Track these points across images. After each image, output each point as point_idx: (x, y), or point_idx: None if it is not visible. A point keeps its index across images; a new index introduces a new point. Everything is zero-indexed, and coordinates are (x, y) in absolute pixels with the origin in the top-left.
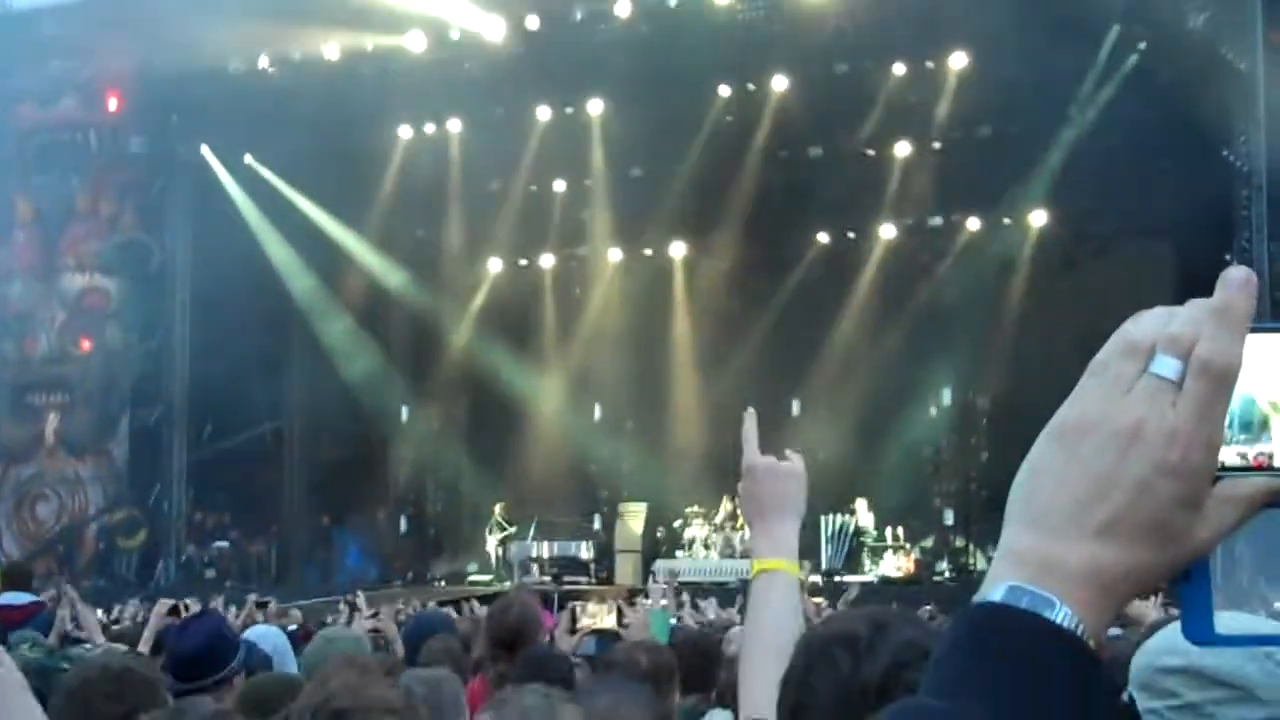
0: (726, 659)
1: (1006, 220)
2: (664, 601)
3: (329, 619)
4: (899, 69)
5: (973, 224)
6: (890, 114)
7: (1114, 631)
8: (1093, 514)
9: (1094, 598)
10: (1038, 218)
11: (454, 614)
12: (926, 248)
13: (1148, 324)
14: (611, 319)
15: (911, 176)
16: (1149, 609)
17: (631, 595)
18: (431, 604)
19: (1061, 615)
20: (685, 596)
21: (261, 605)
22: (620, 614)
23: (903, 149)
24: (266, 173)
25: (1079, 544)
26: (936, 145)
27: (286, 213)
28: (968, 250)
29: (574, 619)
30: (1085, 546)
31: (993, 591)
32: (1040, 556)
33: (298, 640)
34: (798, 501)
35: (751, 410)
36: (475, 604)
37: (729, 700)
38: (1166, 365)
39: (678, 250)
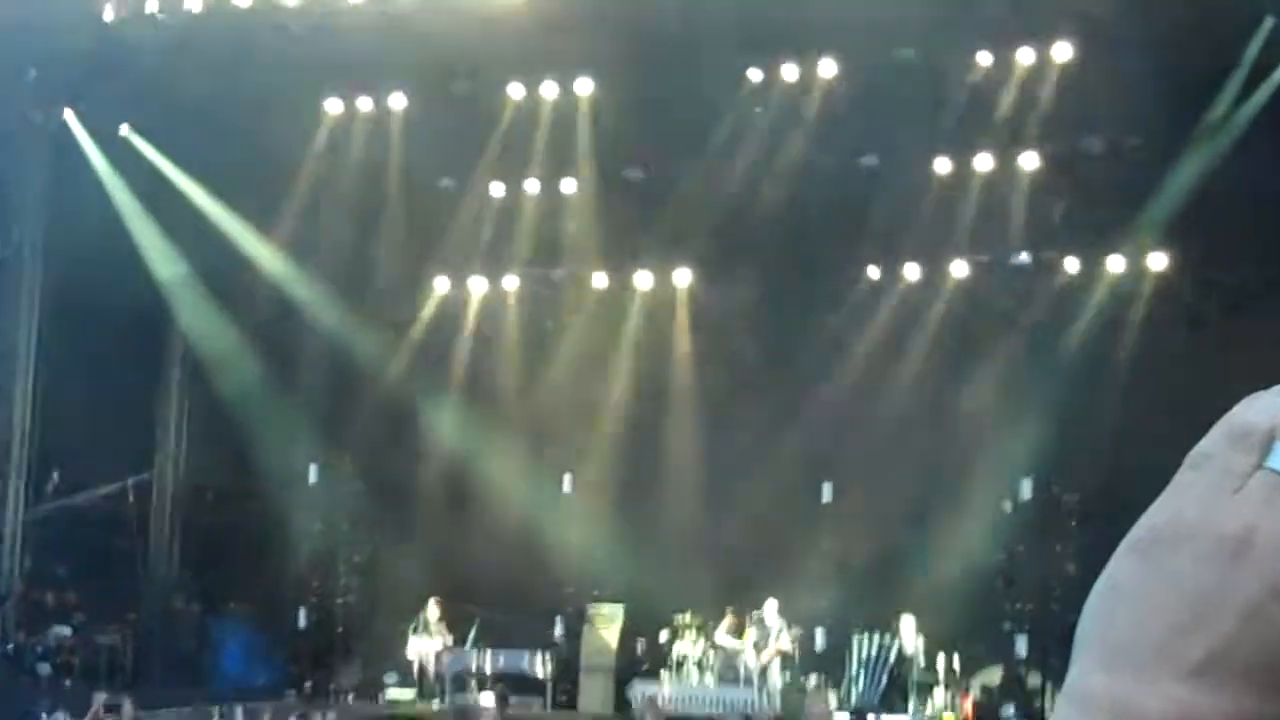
0: None
1: (1114, 262)
2: None
3: None
4: (983, 59)
5: (1070, 265)
6: (970, 117)
7: None
8: (1187, 648)
9: None
10: (1156, 261)
11: None
12: (1009, 292)
13: (1266, 407)
14: (591, 363)
15: (994, 199)
16: None
17: None
18: None
19: None
20: None
21: (111, 709)
22: None
23: (984, 163)
24: (147, 149)
25: (1167, 686)
26: (1028, 161)
27: (171, 201)
28: (1062, 298)
29: None
30: (1175, 690)
31: None
32: (1116, 701)
33: None
34: None
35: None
36: None
37: None
38: None
39: (683, 278)
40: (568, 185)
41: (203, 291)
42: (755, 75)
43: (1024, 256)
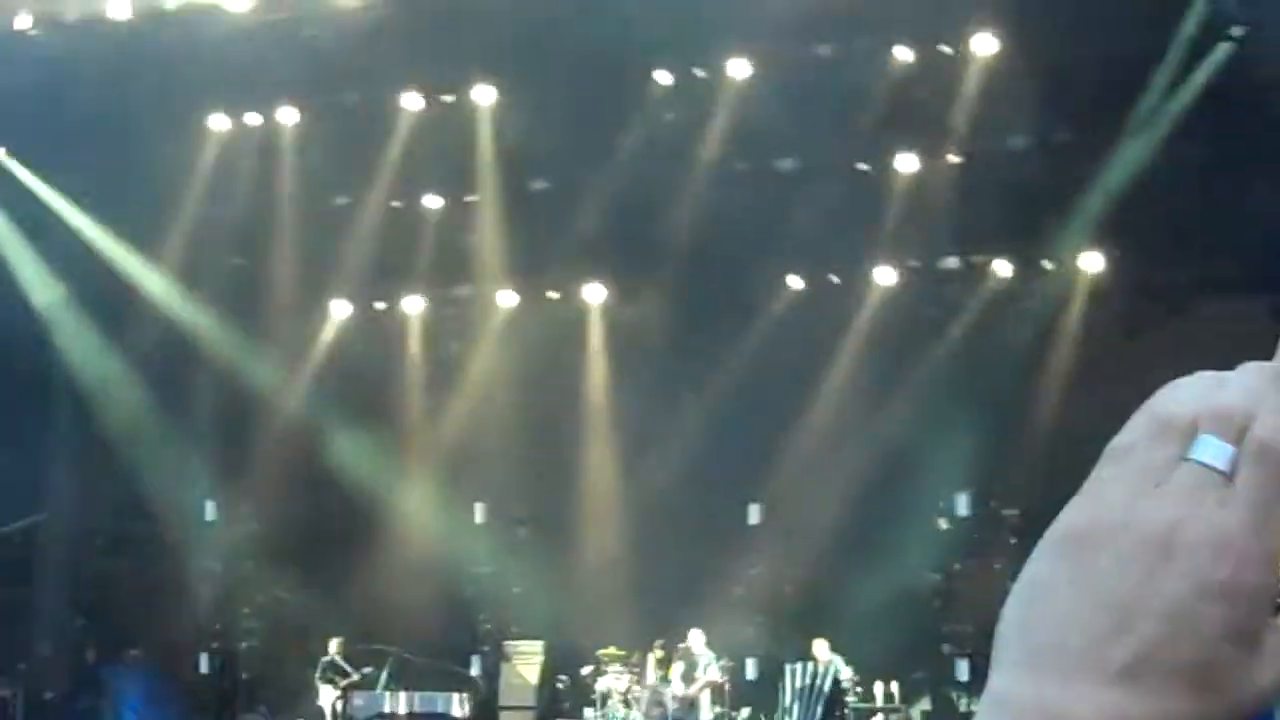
0: None
1: (1047, 265)
2: None
3: None
4: (903, 54)
5: (1001, 268)
6: (891, 115)
7: None
8: (1112, 651)
9: None
10: (1090, 262)
11: None
12: (937, 300)
13: (1188, 395)
14: (501, 385)
15: (919, 201)
16: None
17: None
18: None
19: None
20: None
21: None
22: None
23: (907, 163)
24: (20, 171)
25: (1094, 691)
26: (953, 159)
27: (48, 226)
28: (994, 305)
29: None
30: (1102, 695)
31: None
32: (1041, 707)
33: None
34: None
35: None
36: None
37: None
38: (1213, 450)
39: (594, 294)
40: (470, 199)
41: (86, 320)
42: (664, 78)
43: (952, 261)
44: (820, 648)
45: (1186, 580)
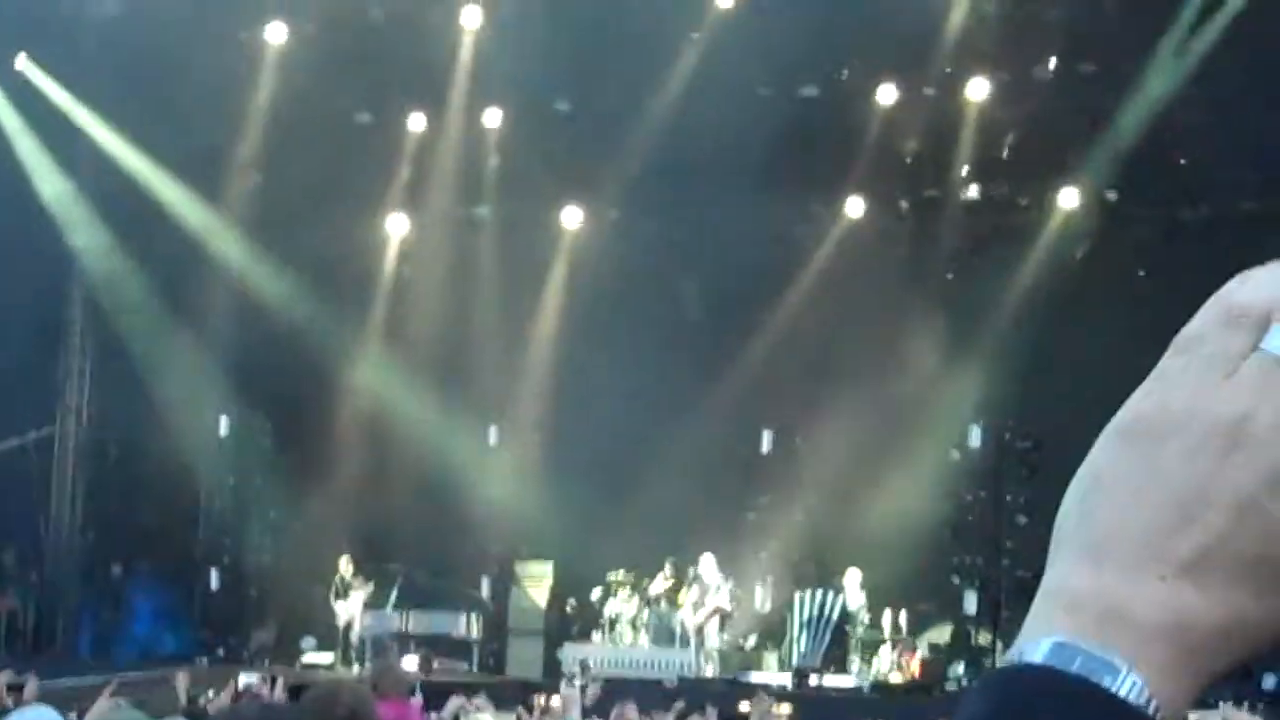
0: None
1: (1068, 196)
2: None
3: None
4: None
5: (1022, 200)
6: (915, 40)
7: None
8: (1176, 543)
9: (1173, 660)
10: (1111, 195)
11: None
12: (952, 230)
13: (1262, 285)
14: (517, 307)
15: (941, 131)
16: None
17: (528, 692)
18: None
19: (1128, 685)
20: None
21: (14, 688)
22: None
23: (930, 91)
24: (44, 80)
25: (1155, 583)
26: (976, 90)
27: (73, 139)
28: (1013, 236)
29: None
30: (1164, 588)
31: (1033, 648)
32: (1100, 601)
33: None
34: None
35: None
36: None
37: None
38: None
39: (613, 214)
40: (491, 118)
41: (106, 236)
42: None
43: (973, 192)
44: (847, 579)
45: (1255, 472)
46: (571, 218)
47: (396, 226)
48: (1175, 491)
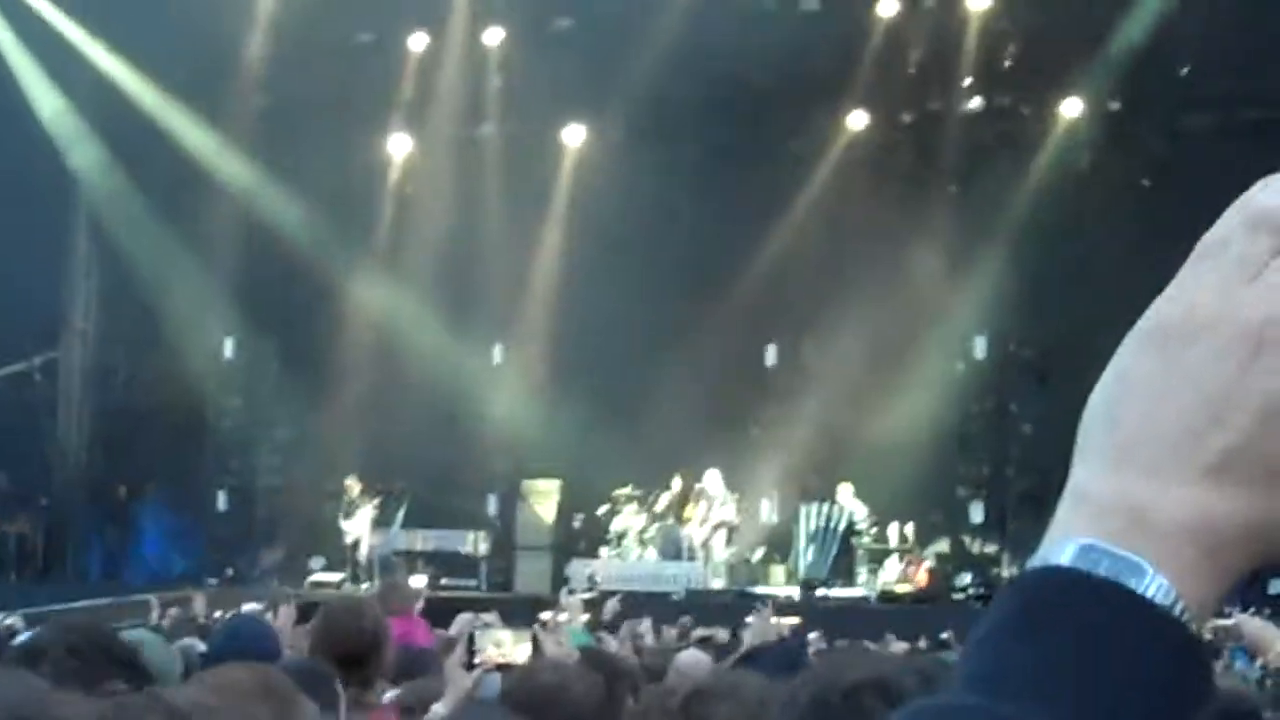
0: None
1: (1071, 106)
2: (582, 617)
3: None
4: None
5: (1024, 110)
6: None
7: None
8: (1201, 446)
9: (1199, 562)
10: (1115, 105)
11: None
12: (955, 142)
13: None
14: (521, 225)
15: (940, 42)
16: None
17: (538, 608)
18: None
19: (1154, 586)
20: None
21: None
22: (537, 646)
23: (930, 2)
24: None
25: (1181, 488)
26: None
27: (71, 60)
28: (1017, 146)
29: (472, 648)
30: (1189, 490)
31: (1058, 551)
32: (1126, 503)
33: None
34: None
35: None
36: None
37: None
38: None
39: (615, 133)
40: (492, 36)
41: (106, 155)
42: None
43: (975, 103)
44: (844, 492)
45: None
46: (574, 136)
47: (399, 146)
48: (1201, 394)
